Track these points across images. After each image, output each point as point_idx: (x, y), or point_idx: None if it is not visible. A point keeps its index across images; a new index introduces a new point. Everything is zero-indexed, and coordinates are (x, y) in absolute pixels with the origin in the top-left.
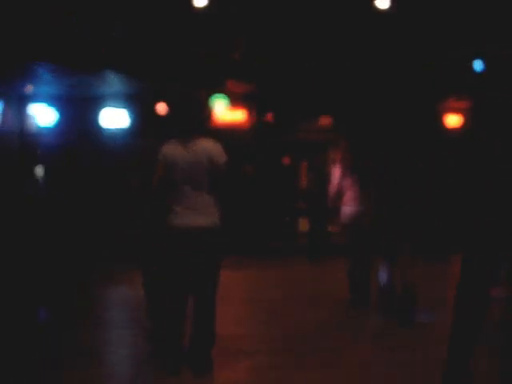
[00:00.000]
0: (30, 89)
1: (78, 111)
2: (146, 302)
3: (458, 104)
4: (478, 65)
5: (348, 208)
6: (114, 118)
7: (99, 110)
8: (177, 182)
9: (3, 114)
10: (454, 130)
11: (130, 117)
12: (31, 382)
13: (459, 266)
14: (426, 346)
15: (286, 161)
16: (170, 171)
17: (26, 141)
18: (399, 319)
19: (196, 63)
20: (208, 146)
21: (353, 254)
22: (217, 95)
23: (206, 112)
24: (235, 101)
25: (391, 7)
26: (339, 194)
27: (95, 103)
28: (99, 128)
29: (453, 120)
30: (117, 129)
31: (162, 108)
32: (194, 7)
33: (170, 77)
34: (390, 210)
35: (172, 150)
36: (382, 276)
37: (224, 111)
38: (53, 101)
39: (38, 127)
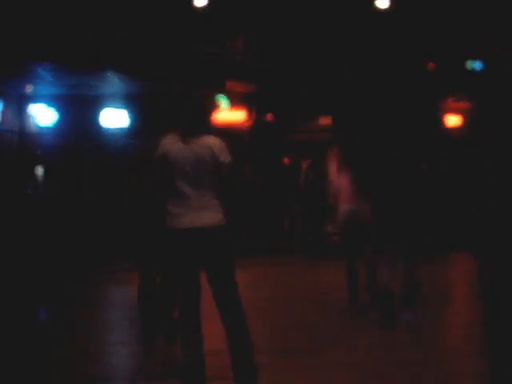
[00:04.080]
0: (29, 89)
1: (78, 111)
2: (138, 303)
3: (457, 104)
4: (477, 65)
5: (345, 206)
6: (114, 118)
7: (99, 109)
8: (176, 180)
9: (3, 113)
10: (453, 130)
11: (130, 117)
12: (31, 382)
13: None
14: (424, 345)
15: (286, 161)
16: (169, 169)
17: (26, 141)
18: (400, 318)
19: (196, 63)
20: (212, 144)
21: (349, 254)
22: (218, 95)
23: (209, 111)
24: (235, 101)
25: (391, 7)
26: (337, 192)
27: (95, 103)
28: (99, 128)
29: (452, 120)
30: (117, 129)
31: None
32: (194, 7)
33: (170, 77)
34: (391, 208)
35: (171, 146)
36: (383, 275)
37: (224, 111)
38: (53, 101)
39: (38, 127)
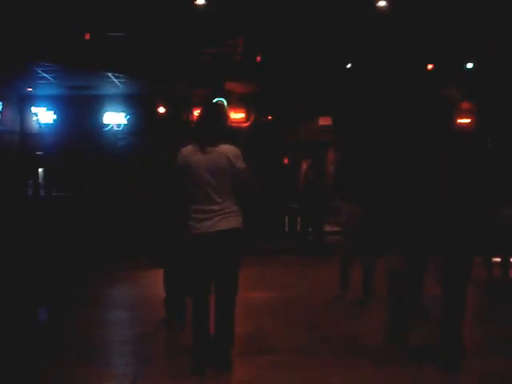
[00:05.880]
0: (30, 89)
1: (78, 111)
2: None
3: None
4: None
5: (346, 205)
6: (114, 119)
7: (99, 110)
8: (199, 188)
9: (3, 113)
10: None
11: (130, 117)
12: (31, 382)
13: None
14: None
15: (286, 161)
16: (191, 178)
17: (26, 141)
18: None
19: (196, 63)
20: (228, 152)
21: (349, 252)
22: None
23: (226, 119)
24: (235, 101)
25: (391, 8)
26: (337, 192)
27: (95, 103)
28: (99, 128)
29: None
30: (117, 129)
31: None
32: (194, 7)
33: (170, 77)
34: (391, 208)
35: (191, 156)
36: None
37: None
38: (52, 101)
39: (38, 127)
